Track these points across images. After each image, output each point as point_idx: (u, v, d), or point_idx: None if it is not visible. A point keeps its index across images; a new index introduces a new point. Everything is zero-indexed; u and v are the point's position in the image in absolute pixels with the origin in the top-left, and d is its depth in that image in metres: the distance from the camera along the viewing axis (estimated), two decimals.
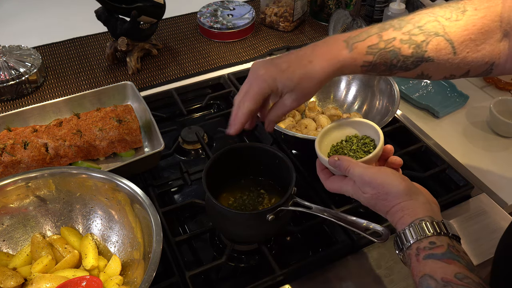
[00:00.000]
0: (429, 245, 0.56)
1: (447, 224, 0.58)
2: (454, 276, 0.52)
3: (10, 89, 1.14)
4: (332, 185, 0.69)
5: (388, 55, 0.65)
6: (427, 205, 0.61)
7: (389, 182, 0.61)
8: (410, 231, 0.58)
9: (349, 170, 0.65)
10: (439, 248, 0.55)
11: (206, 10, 1.41)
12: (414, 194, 0.61)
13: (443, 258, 0.54)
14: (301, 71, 0.64)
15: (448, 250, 0.55)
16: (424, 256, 0.55)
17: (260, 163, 0.81)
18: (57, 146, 0.87)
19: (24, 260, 0.74)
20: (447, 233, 0.57)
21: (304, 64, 0.64)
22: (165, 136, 0.94)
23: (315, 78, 0.64)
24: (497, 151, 1.00)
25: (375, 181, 0.62)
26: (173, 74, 1.24)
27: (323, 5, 1.42)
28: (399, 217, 0.60)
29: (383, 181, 0.62)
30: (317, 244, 0.84)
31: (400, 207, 0.60)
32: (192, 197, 0.90)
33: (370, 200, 0.63)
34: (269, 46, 1.35)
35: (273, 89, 0.65)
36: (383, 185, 0.62)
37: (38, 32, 1.40)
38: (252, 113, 0.67)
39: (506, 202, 0.90)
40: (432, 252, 0.55)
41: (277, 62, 0.65)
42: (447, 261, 0.54)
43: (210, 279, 0.80)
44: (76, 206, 0.79)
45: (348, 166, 0.65)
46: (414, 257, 0.56)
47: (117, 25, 1.18)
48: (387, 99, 0.97)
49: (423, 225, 0.57)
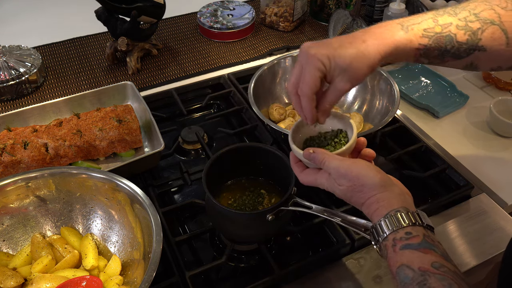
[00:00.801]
0: (405, 236, 0.56)
1: (421, 214, 0.58)
2: (431, 265, 0.52)
3: (10, 89, 1.14)
4: (306, 178, 0.68)
5: (444, 40, 0.64)
6: (401, 196, 0.60)
7: (365, 174, 0.61)
8: (386, 222, 0.57)
9: (324, 162, 0.64)
10: (415, 238, 0.55)
11: (206, 10, 1.41)
12: (389, 185, 0.61)
13: (420, 247, 0.54)
14: (353, 50, 0.62)
15: (424, 240, 0.55)
16: (401, 247, 0.55)
17: (260, 163, 0.81)
18: (57, 146, 0.87)
19: (24, 260, 0.74)
20: (422, 224, 0.57)
21: (357, 43, 0.62)
22: (165, 136, 0.94)
23: (368, 59, 0.62)
24: (497, 151, 1.00)
25: (351, 173, 0.61)
26: (173, 74, 1.24)
27: (323, 5, 1.42)
28: (374, 209, 0.60)
29: (358, 173, 0.61)
30: (317, 244, 0.84)
31: (376, 198, 0.60)
32: (192, 197, 0.90)
33: (346, 192, 0.63)
34: (269, 46, 1.35)
35: (326, 68, 0.63)
36: (358, 177, 0.61)
37: (38, 32, 1.40)
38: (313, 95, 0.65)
39: (506, 202, 0.90)
40: (409, 243, 0.55)
41: (329, 42, 0.64)
42: (423, 250, 0.54)
43: (210, 279, 0.80)
44: (76, 206, 0.79)
45: (323, 158, 0.64)
46: (391, 248, 0.56)
47: (117, 25, 1.18)
48: (387, 99, 0.97)
49: (398, 216, 0.57)
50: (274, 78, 1.05)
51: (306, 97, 0.64)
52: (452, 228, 0.86)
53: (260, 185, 0.83)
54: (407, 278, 0.52)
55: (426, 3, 1.27)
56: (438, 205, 0.88)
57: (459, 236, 0.84)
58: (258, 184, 0.83)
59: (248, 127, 1.04)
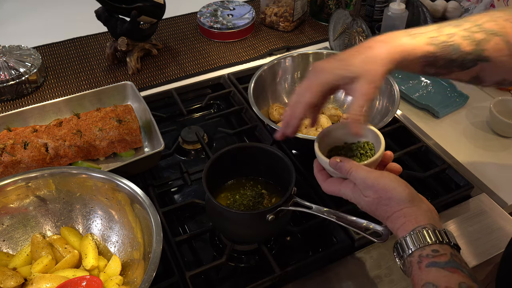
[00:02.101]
0: (432, 253, 0.55)
1: (449, 233, 0.57)
2: (458, 285, 0.51)
3: (10, 89, 1.14)
4: (329, 187, 0.67)
5: (449, 49, 0.64)
6: (428, 213, 0.59)
7: (393, 187, 0.60)
8: (412, 238, 0.56)
9: (351, 172, 0.63)
10: (442, 256, 0.54)
11: (206, 10, 1.41)
12: (417, 201, 0.60)
13: (447, 266, 0.53)
14: (361, 56, 0.62)
15: (452, 259, 0.54)
16: (427, 264, 0.54)
17: (260, 163, 0.81)
18: (57, 146, 0.87)
19: (24, 260, 0.74)
20: (449, 242, 0.56)
21: (364, 50, 0.63)
22: (165, 136, 0.95)
23: (379, 59, 0.62)
24: (497, 151, 1.00)
25: (378, 185, 0.61)
26: (173, 74, 1.24)
27: (323, 5, 1.42)
28: (400, 223, 0.59)
29: (386, 185, 0.60)
30: (317, 244, 0.84)
31: (402, 213, 0.59)
32: (192, 197, 0.90)
33: (370, 204, 0.62)
34: (269, 46, 1.35)
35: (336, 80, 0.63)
36: (386, 189, 0.60)
37: (38, 32, 1.40)
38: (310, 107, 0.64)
39: (506, 202, 0.90)
40: (435, 260, 0.54)
41: (336, 56, 0.65)
42: (450, 269, 0.52)
43: (210, 279, 0.80)
44: (76, 206, 0.79)
45: (350, 168, 0.63)
46: (416, 264, 0.55)
47: (117, 25, 1.18)
48: (387, 99, 0.97)
49: (424, 232, 0.56)
50: (274, 78, 1.05)
51: (303, 103, 0.64)
52: (452, 228, 0.86)
53: (260, 185, 0.83)
54: None
55: (426, 3, 1.27)
56: (438, 205, 0.88)
57: (459, 236, 0.84)
58: (258, 184, 0.83)
59: (248, 127, 1.04)
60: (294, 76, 1.07)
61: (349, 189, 0.64)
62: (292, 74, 1.06)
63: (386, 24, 1.22)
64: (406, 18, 1.21)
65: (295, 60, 1.05)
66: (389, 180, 0.61)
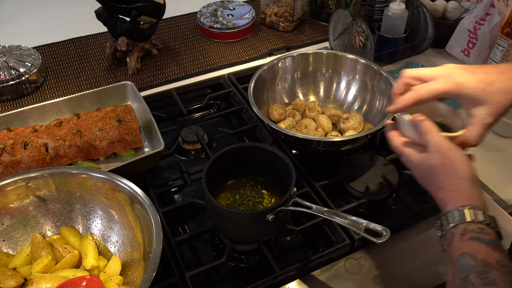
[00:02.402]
0: (477, 229, 0.55)
1: (497, 220, 0.58)
2: (496, 262, 0.51)
3: (10, 89, 1.14)
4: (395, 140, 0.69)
5: None
6: (482, 200, 0.60)
7: (462, 162, 0.61)
8: (461, 213, 0.57)
9: (429, 133, 0.64)
10: (487, 235, 0.55)
11: (206, 10, 1.41)
12: (477, 185, 0.61)
13: (490, 244, 0.54)
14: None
15: (496, 240, 0.55)
16: (470, 237, 0.55)
17: (260, 163, 0.81)
18: (57, 146, 0.87)
19: (24, 260, 0.74)
20: (495, 227, 0.57)
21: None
22: (165, 136, 0.94)
23: None
24: (497, 151, 1.00)
25: (449, 154, 0.62)
26: (173, 74, 1.24)
27: (323, 5, 1.42)
28: (453, 196, 0.60)
29: (456, 158, 0.62)
30: (317, 244, 0.84)
31: (460, 187, 0.60)
32: (192, 197, 0.90)
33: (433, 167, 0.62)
34: (269, 46, 1.35)
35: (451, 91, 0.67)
36: (454, 161, 0.61)
37: (38, 32, 1.40)
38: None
39: (506, 202, 0.90)
40: (479, 236, 0.54)
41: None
42: (492, 248, 0.53)
43: (210, 279, 0.80)
44: (76, 206, 0.79)
45: (430, 129, 0.64)
46: (458, 236, 0.56)
47: (117, 25, 1.18)
48: (387, 99, 0.97)
49: (474, 211, 0.57)
50: (274, 78, 1.05)
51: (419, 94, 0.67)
52: None
53: (260, 185, 0.83)
54: (466, 266, 0.52)
55: (426, 3, 1.27)
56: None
57: None
58: (258, 184, 0.83)
59: (248, 127, 1.04)
60: (294, 76, 1.07)
61: (415, 150, 0.66)
62: (292, 74, 1.06)
63: (386, 24, 1.22)
64: (406, 18, 1.21)
65: (295, 60, 1.05)
66: (460, 155, 0.62)
